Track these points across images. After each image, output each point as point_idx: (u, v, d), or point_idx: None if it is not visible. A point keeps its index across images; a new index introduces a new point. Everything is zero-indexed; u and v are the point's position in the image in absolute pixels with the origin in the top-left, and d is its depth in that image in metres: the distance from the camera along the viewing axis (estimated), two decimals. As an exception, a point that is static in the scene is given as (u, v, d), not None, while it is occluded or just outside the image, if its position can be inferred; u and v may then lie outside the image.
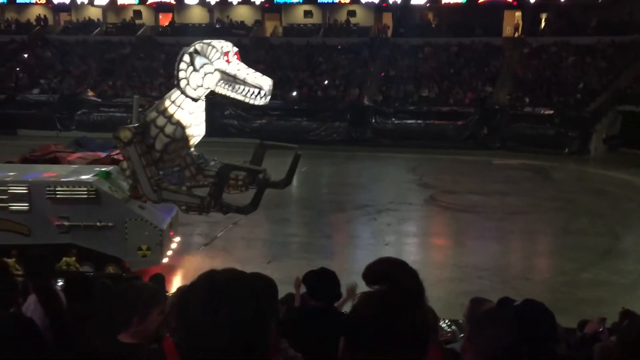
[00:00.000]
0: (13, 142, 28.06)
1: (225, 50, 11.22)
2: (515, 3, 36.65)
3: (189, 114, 11.62)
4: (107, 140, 20.68)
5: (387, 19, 40.27)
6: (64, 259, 12.04)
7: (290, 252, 15.10)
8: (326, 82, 34.51)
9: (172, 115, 11.52)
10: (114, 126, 32.21)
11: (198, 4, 41.61)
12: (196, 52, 11.19)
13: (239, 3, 41.00)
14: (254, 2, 40.75)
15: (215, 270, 1.75)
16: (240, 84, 11.08)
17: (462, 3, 37.06)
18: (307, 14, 41.73)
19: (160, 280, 8.10)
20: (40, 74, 37.57)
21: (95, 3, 42.34)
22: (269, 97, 11.23)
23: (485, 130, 30.34)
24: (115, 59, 39.01)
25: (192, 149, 12.38)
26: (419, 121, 31.02)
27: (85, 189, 11.89)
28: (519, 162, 26.80)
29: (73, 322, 4.53)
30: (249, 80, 11.04)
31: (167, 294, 6.08)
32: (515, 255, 15.80)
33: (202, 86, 11.34)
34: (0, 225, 11.99)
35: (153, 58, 38.68)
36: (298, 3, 40.82)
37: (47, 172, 13.01)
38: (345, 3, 39.82)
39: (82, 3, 42.52)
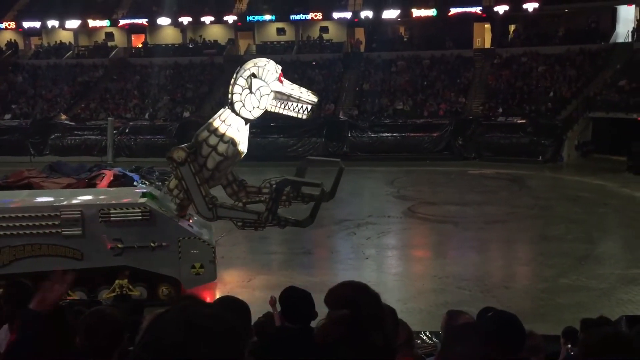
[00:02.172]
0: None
1: (279, 71, 11.69)
2: (484, 15, 37.24)
3: (237, 132, 11.90)
4: (82, 164, 20.45)
5: (360, 34, 40.64)
6: (117, 281, 11.87)
7: (270, 269, 15.00)
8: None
9: (224, 134, 11.76)
10: (88, 149, 32.23)
11: (170, 24, 41.57)
12: (253, 75, 11.51)
13: (211, 22, 41.04)
14: (227, 21, 40.83)
15: (186, 300, 1.70)
16: (293, 101, 11.68)
17: (432, 16, 37.54)
18: (280, 31, 41.94)
19: (139, 307, 8.04)
20: (12, 99, 37.14)
21: (67, 26, 42.02)
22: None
23: (460, 141, 30.68)
24: (89, 81, 38.75)
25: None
26: (394, 134, 31.28)
27: (140, 210, 11.72)
28: (495, 171, 27.09)
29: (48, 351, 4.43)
30: (304, 97, 11.71)
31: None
32: (494, 264, 15.87)
33: (257, 107, 11.73)
34: (51, 251, 11.68)
35: (126, 80, 38.50)
36: (271, 21, 40.99)
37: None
38: (317, 20, 40.10)
39: (53, 27, 42.20)
